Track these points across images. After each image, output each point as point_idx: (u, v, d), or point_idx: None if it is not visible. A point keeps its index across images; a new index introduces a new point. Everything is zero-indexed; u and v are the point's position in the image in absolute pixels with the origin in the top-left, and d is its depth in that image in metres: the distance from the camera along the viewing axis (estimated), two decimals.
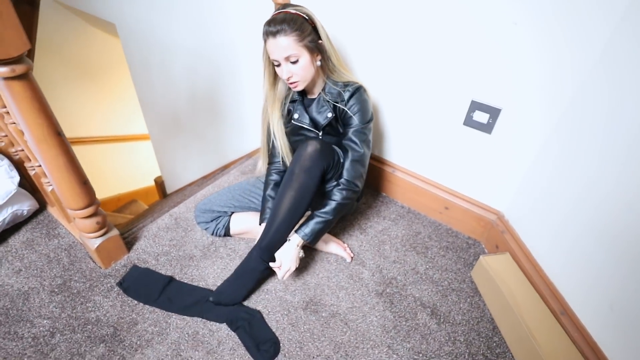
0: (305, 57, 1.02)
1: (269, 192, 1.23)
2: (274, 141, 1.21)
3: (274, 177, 1.26)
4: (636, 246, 0.81)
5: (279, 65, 1.04)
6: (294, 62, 1.02)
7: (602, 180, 0.91)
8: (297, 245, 1.08)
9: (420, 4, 1.13)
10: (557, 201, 1.06)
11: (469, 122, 1.21)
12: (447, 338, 1.06)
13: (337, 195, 1.10)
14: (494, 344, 1.05)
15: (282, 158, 1.23)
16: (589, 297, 0.94)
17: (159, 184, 3.15)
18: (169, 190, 3.10)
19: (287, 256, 1.07)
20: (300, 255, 1.10)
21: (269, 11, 1.40)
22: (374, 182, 1.60)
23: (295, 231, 1.09)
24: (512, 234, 1.23)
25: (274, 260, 1.09)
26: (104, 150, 3.63)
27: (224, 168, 2.28)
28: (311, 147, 1.04)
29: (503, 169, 1.23)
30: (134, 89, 2.74)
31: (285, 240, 1.09)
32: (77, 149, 0.95)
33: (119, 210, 3.63)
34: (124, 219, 2.96)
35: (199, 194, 1.51)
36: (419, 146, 1.40)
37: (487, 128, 1.18)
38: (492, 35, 1.05)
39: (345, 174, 1.12)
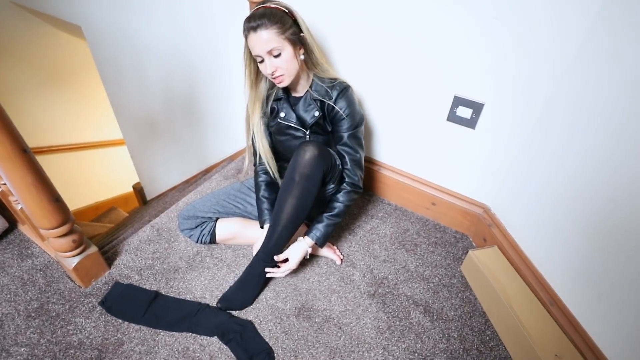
0: (288, 50, 1.00)
1: (262, 193, 1.21)
2: (254, 142, 1.19)
3: (263, 177, 1.24)
4: (619, 237, 0.83)
5: (262, 62, 1.01)
6: (277, 56, 0.99)
7: (583, 172, 0.92)
8: (307, 246, 1.11)
9: (402, 2, 1.11)
10: (541, 193, 1.07)
11: (452, 117, 1.20)
12: (441, 335, 1.06)
13: (343, 198, 1.13)
14: (487, 338, 1.06)
15: (265, 159, 1.21)
16: (577, 287, 0.96)
17: (138, 190, 3.05)
18: (149, 196, 3.00)
19: (296, 255, 1.09)
20: (307, 257, 1.14)
21: (245, 11, 1.36)
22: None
23: (307, 234, 1.11)
24: (499, 226, 1.24)
25: (279, 266, 1.11)
26: (78, 158, 3.48)
27: (206, 172, 2.22)
28: (309, 153, 1.01)
29: (488, 163, 1.23)
30: (104, 93, 2.62)
31: (288, 245, 1.11)
32: (48, 158, 0.89)
33: (98, 219, 3.51)
34: (103, 229, 2.85)
35: (180, 202, 1.46)
36: (403, 144, 1.39)
37: (470, 123, 1.18)
38: (473, 30, 1.04)
39: (348, 178, 1.14)
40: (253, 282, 1.11)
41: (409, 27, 1.14)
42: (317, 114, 1.10)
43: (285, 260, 1.10)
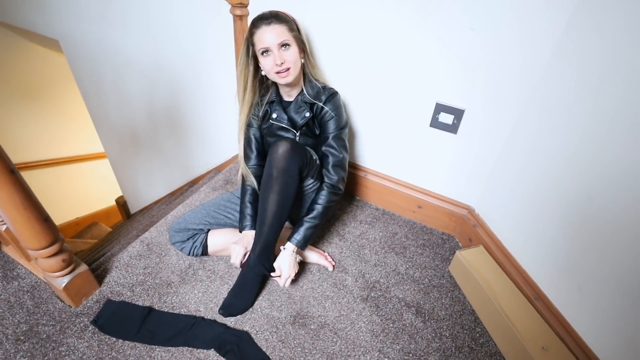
0: (295, 46, 1.07)
1: (248, 197, 1.23)
2: (245, 144, 1.26)
3: (251, 181, 1.24)
4: (593, 231, 0.88)
5: (267, 56, 1.06)
6: (286, 50, 1.05)
7: (558, 172, 0.98)
8: (293, 252, 1.13)
9: (385, 15, 1.16)
10: (522, 194, 1.12)
11: (435, 123, 1.25)
12: (433, 335, 1.09)
13: (322, 199, 1.16)
14: (477, 334, 1.10)
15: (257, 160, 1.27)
16: (559, 281, 1.01)
17: (121, 204, 3.00)
18: (132, 209, 2.95)
19: (285, 264, 1.12)
20: (298, 260, 1.16)
21: (229, 23, 1.38)
22: (347, 187, 1.61)
23: (289, 239, 1.14)
24: (484, 226, 1.29)
25: (272, 263, 1.13)
26: (56, 173, 3.39)
27: (192, 183, 2.21)
28: (282, 148, 1.04)
29: (471, 166, 1.29)
30: (84, 107, 2.58)
31: (276, 242, 1.13)
32: (25, 175, 0.88)
33: (79, 235, 3.42)
34: (85, 245, 2.79)
35: (169, 215, 1.45)
36: (388, 149, 1.43)
37: (452, 128, 1.23)
38: (451, 40, 1.09)
39: (327, 179, 1.17)
40: (250, 284, 1.12)
41: (391, 39, 1.19)
42: (307, 114, 1.16)
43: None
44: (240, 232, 1.21)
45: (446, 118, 1.22)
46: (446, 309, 1.17)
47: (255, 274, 1.12)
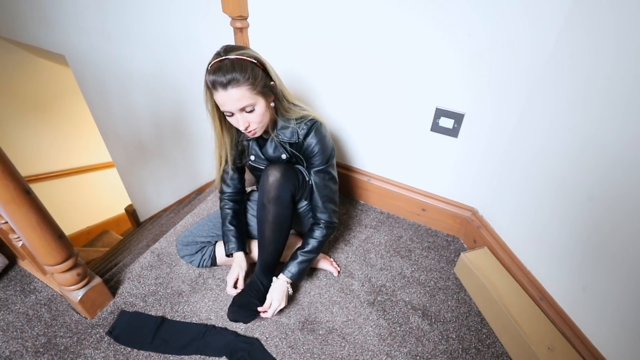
0: (260, 104, 0.95)
1: (230, 220, 1.20)
2: (230, 170, 1.20)
3: (230, 205, 1.23)
4: (595, 231, 0.89)
5: (231, 116, 0.95)
6: (250, 112, 0.94)
7: (560, 173, 0.99)
8: (285, 283, 1.11)
9: (385, 23, 1.17)
10: (524, 195, 1.13)
11: (435, 128, 1.26)
12: (440, 337, 1.11)
13: (317, 233, 1.13)
14: (484, 336, 1.12)
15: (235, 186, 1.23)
16: (563, 281, 1.02)
17: (131, 212, 3.05)
18: (142, 217, 3.00)
19: (277, 295, 1.09)
20: (290, 293, 1.13)
21: (229, 33, 1.40)
22: (352, 192, 1.63)
23: (282, 271, 1.12)
24: (487, 228, 1.30)
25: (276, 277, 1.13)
26: (66, 184, 3.45)
27: (199, 191, 2.25)
28: (272, 177, 1.02)
29: (473, 169, 1.30)
30: (91, 118, 2.63)
31: (280, 259, 1.14)
32: (35, 187, 0.91)
33: (91, 243, 3.48)
34: (97, 253, 2.84)
35: (178, 225, 1.49)
36: (391, 154, 1.45)
37: (453, 132, 1.24)
38: (450, 46, 1.11)
39: (320, 215, 1.13)
40: (254, 290, 1.11)
41: (393, 48, 1.20)
42: (284, 157, 1.09)
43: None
44: (227, 256, 1.19)
45: (446, 122, 1.23)
46: (452, 311, 1.19)
47: (259, 287, 1.12)
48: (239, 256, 1.17)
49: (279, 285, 1.10)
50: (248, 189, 1.46)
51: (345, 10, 1.21)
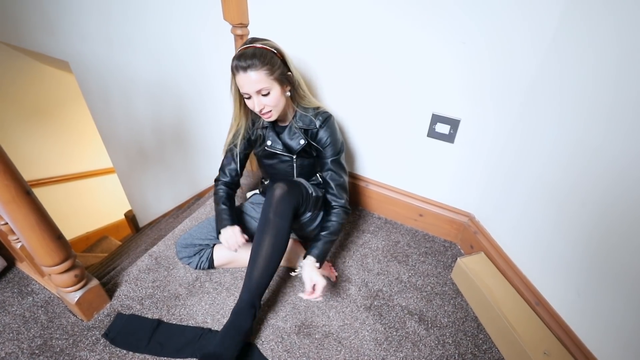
0: (276, 89, 1.04)
1: (225, 201, 1.23)
2: (228, 159, 1.26)
3: (224, 189, 1.27)
4: (588, 236, 0.90)
5: (249, 98, 1.06)
6: (265, 95, 1.04)
7: (552, 178, 1.00)
8: (315, 262, 1.09)
9: (382, 31, 1.20)
10: (519, 200, 1.14)
11: (432, 134, 1.28)
12: (436, 342, 1.11)
13: (336, 217, 1.19)
14: (480, 341, 1.12)
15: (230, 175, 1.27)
16: (559, 286, 1.02)
17: (130, 218, 3.05)
18: (141, 223, 3.00)
19: (315, 274, 1.06)
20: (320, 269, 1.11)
21: (230, 41, 1.43)
22: (349, 197, 1.64)
23: (308, 253, 1.12)
24: (484, 233, 1.31)
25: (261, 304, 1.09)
26: (66, 189, 3.47)
27: (199, 197, 2.25)
28: (279, 191, 1.06)
29: (469, 174, 1.31)
30: (92, 123, 2.65)
31: (269, 283, 1.08)
32: (36, 192, 0.92)
33: (90, 249, 3.48)
34: (96, 259, 2.84)
35: (177, 229, 1.49)
36: (388, 160, 1.46)
37: (449, 138, 1.25)
38: (446, 53, 1.13)
39: (336, 202, 1.21)
40: (239, 329, 1.02)
41: (389, 55, 1.22)
42: (302, 142, 1.17)
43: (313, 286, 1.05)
44: (218, 233, 1.17)
45: (443, 128, 1.25)
46: (449, 316, 1.18)
47: (246, 319, 1.03)
48: (231, 227, 1.16)
49: (311, 265, 1.08)
50: (249, 193, 1.48)
51: (342, 18, 1.23)
